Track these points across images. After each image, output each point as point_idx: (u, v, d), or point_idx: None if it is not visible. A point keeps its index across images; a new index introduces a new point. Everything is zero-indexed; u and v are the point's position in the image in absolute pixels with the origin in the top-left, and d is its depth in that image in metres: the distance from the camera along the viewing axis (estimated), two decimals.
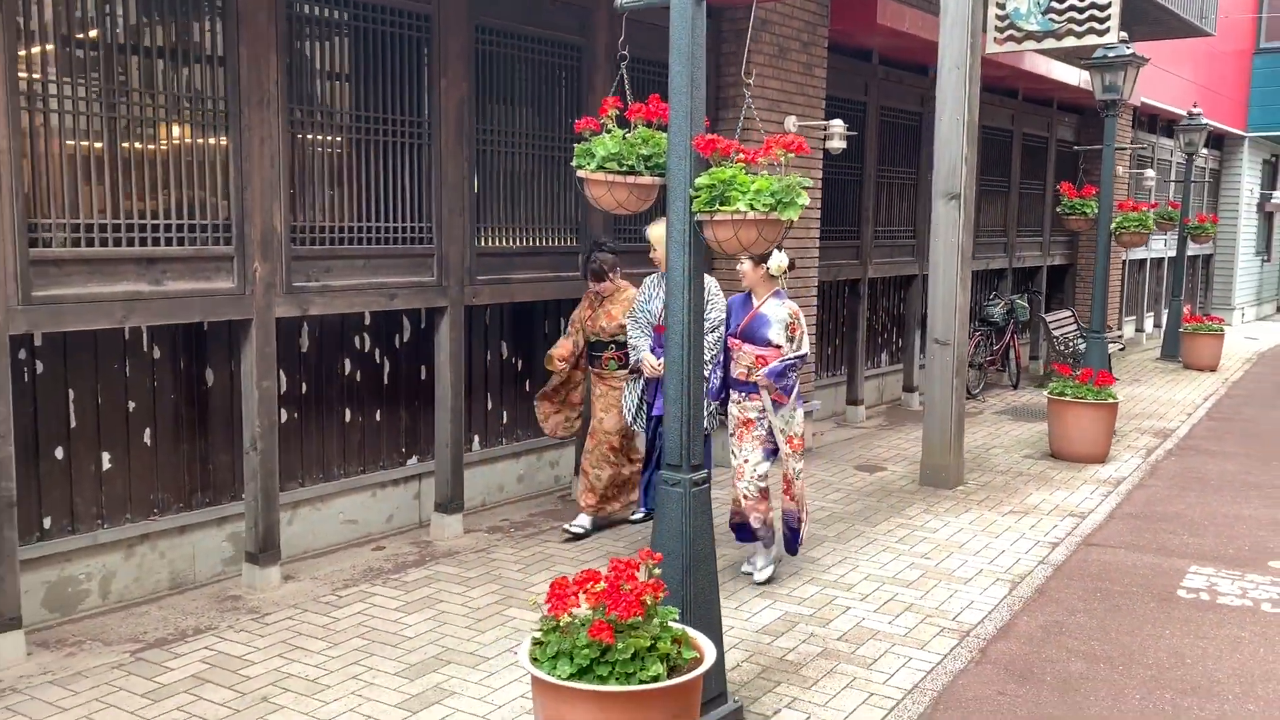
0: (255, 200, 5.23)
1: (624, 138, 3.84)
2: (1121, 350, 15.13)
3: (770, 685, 4.41)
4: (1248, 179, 22.21)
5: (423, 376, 6.52)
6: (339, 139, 5.72)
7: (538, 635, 3.40)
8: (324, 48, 5.59)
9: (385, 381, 6.37)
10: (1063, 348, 13.03)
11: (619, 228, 7.30)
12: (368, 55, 5.79)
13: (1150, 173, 15.03)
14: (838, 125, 8.19)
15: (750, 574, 5.66)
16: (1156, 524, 6.99)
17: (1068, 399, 8.77)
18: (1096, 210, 10.81)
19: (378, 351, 6.32)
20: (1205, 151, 19.42)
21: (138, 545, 5.24)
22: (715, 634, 3.82)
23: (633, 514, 6.61)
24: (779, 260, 5.31)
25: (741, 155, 3.62)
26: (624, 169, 3.80)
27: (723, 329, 5.61)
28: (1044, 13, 7.25)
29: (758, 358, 5.35)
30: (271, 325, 5.36)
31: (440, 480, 6.36)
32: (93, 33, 4.67)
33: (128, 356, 5.18)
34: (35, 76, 4.49)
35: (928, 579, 5.77)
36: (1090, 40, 7.28)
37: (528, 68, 6.71)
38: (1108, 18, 7.15)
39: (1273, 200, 23.99)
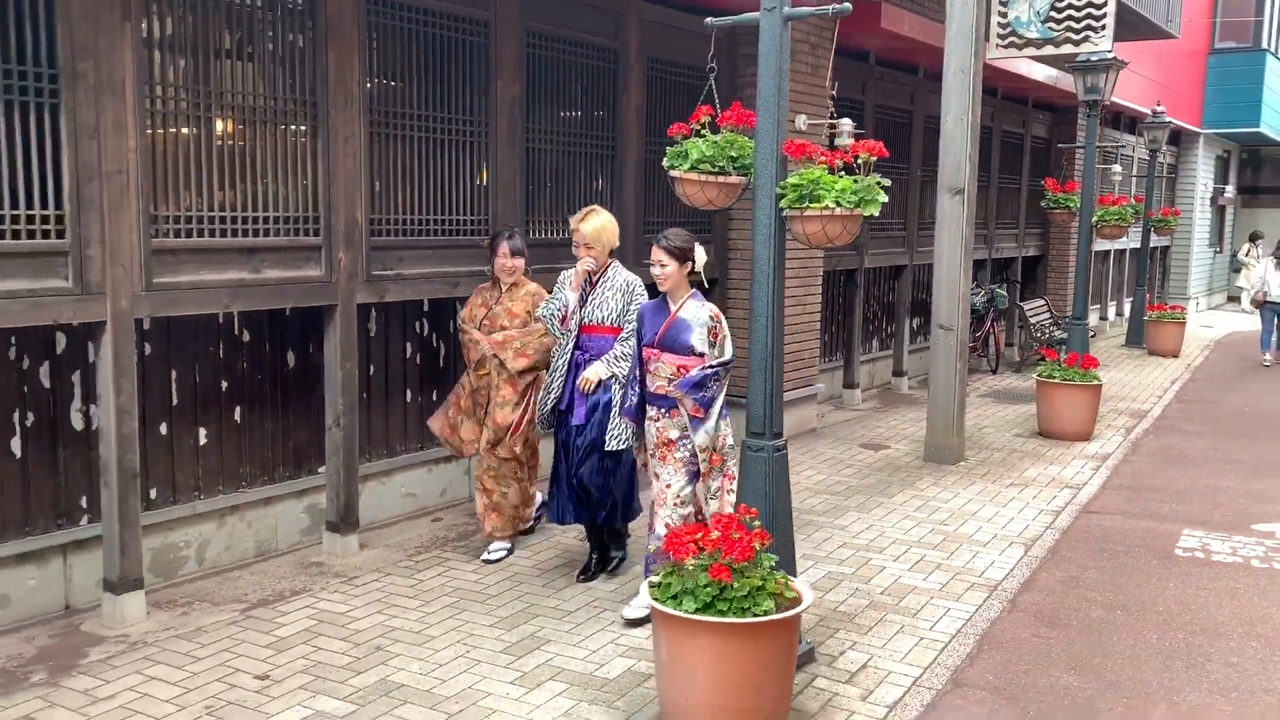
0: (340, 195, 5.64)
1: (715, 141, 4.29)
2: (1092, 337, 15.85)
3: (830, 632, 4.92)
4: (1202, 174, 23.14)
5: None
6: (410, 137, 6.12)
7: (655, 579, 3.88)
8: (398, 53, 5.99)
9: (441, 364, 6.79)
10: (1039, 334, 13.72)
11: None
12: (435, 59, 6.20)
13: (1117, 168, 15.77)
14: (847, 124, 8.68)
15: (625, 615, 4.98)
16: (1146, 494, 7.62)
17: (1056, 381, 9.39)
18: (1079, 204, 11.43)
19: (435, 336, 6.74)
20: (1164, 148, 20.25)
21: (228, 515, 5.63)
22: None
23: (490, 554, 5.83)
24: (703, 256, 4.76)
25: (824, 158, 4.11)
26: (715, 170, 4.28)
27: (632, 343, 5.05)
28: (1043, 21, 7.83)
29: (679, 368, 4.67)
30: (353, 311, 5.78)
31: None
32: (203, 42, 5.05)
33: (220, 340, 5.57)
34: (156, 82, 4.86)
35: (949, 542, 6.32)
36: (1086, 48, 7.86)
37: (570, 70, 7.15)
38: (1103, 26, 7.73)
39: (1225, 194, 24.98)
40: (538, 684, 4.31)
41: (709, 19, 4.61)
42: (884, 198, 4.09)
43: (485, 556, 5.76)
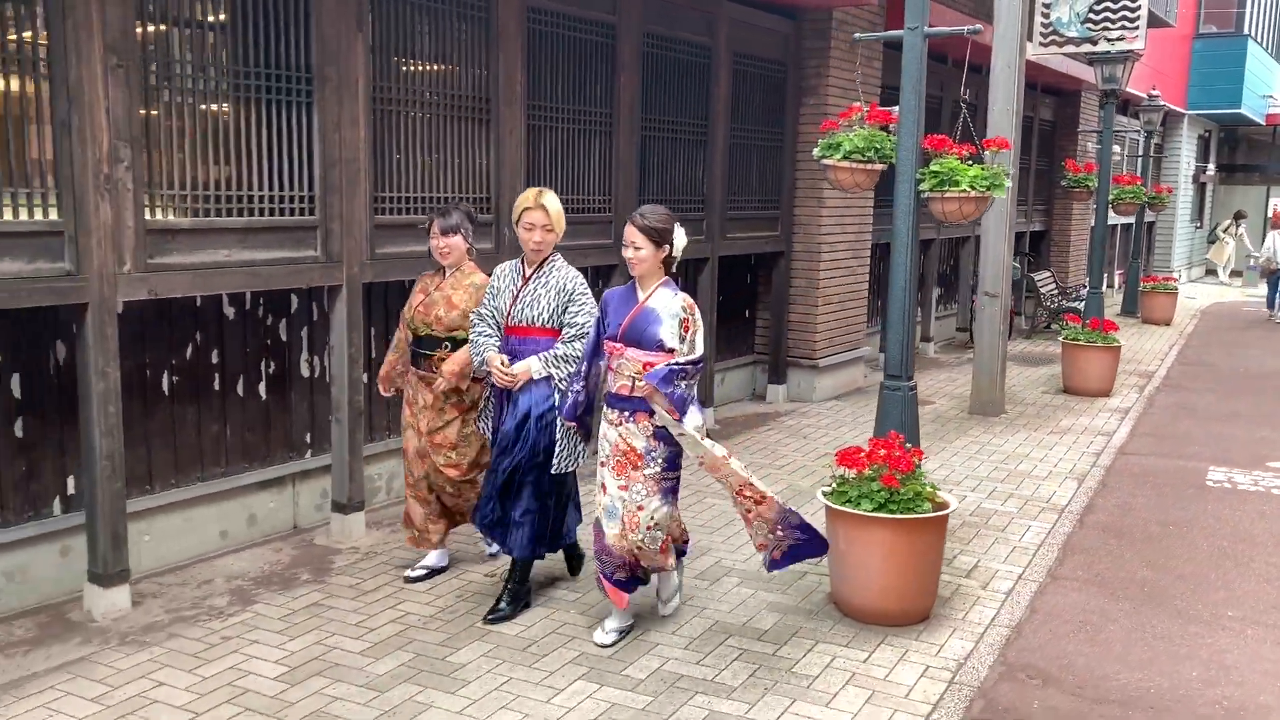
0: (506, 179, 6.55)
1: (865, 135, 5.26)
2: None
3: None
4: (1186, 153, 24.34)
5: None
6: (554, 128, 7.02)
7: (827, 488, 4.87)
8: (547, 55, 6.89)
9: None
10: (1049, 303, 14.82)
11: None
12: (574, 59, 7.10)
13: (1115, 148, 16.86)
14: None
15: (603, 642, 4.45)
16: (1169, 440, 8.70)
17: (1080, 343, 10.46)
18: (1097, 183, 12.49)
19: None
20: (1141, 120, 21.40)
21: None
22: None
23: (411, 572, 5.20)
24: (682, 239, 4.29)
25: (956, 151, 5.09)
26: (865, 159, 5.24)
27: (591, 335, 4.42)
28: (1082, 22, 8.80)
29: (646, 365, 4.10)
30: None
31: None
32: (410, 48, 5.94)
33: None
34: (380, 82, 5.75)
35: (1013, 478, 7.35)
36: (1121, 46, 8.85)
37: (673, 66, 8.06)
38: (1136, 25, 8.71)
39: (1206, 172, 26.22)
40: None
41: (856, 34, 5.50)
42: (1009, 183, 5.08)
43: (407, 573, 5.18)
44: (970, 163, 5.05)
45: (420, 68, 6.04)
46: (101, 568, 4.70)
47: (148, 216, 4.73)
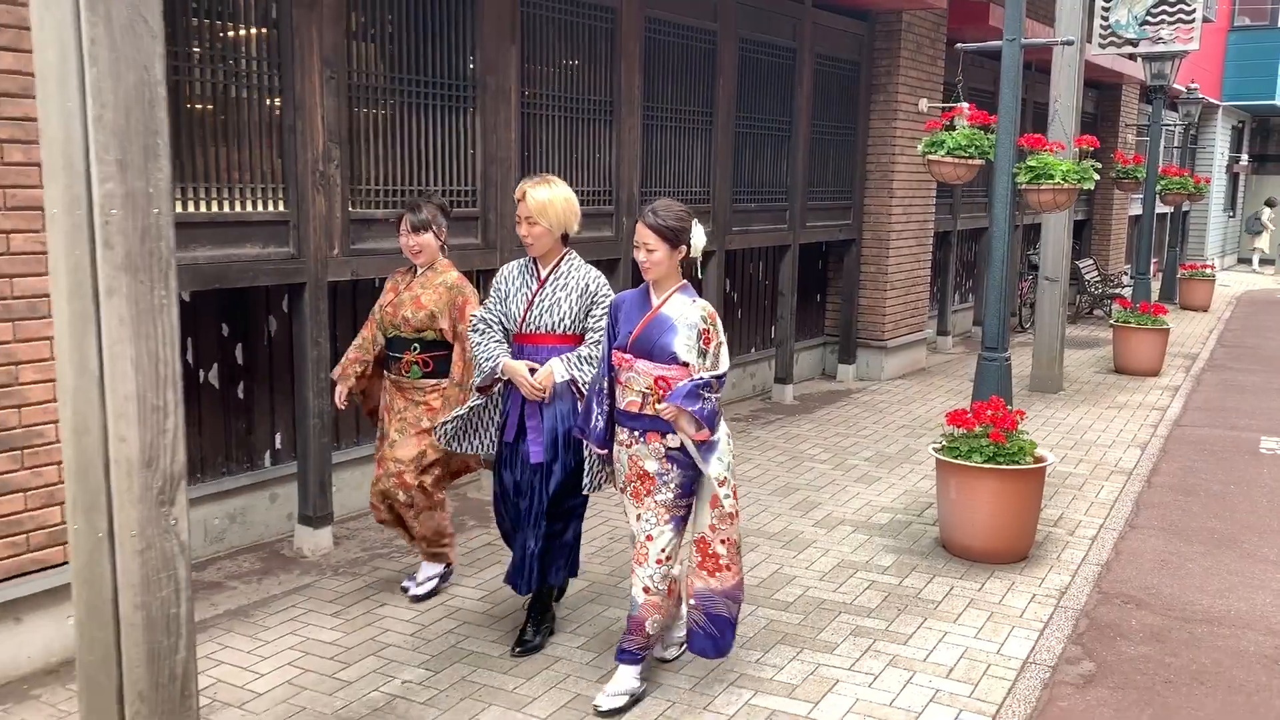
0: (625, 173, 7.27)
1: (967, 134, 5.94)
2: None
3: None
4: (1220, 143, 24.81)
5: None
6: (665, 127, 7.73)
7: (938, 444, 5.57)
8: (658, 61, 7.59)
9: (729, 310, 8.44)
10: (1092, 290, 15.43)
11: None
12: (681, 65, 7.80)
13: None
14: (965, 108, 10.32)
15: (604, 709, 3.80)
16: (1220, 413, 9.34)
17: (1131, 326, 11.10)
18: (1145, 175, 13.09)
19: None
20: (1179, 113, 21.91)
21: None
22: None
23: (418, 586, 4.87)
24: (701, 239, 3.79)
25: (1049, 148, 5.76)
26: (966, 155, 5.92)
27: (603, 345, 3.93)
28: (1140, 24, 9.42)
29: (658, 380, 3.66)
30: (631, 262, 7.41)
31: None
32: (551, 57, 6.65)
33: None
34: (528, 89, 6.47)
35: (1080, 445, 8.02)
36: (1176, 47, 9.47)
37: (763, 67, 8.75)
38: (1192, 25, 9.32)
39: (1240, 163, 26.67)
40: None
41: (958, 44, 6.18)
42: (1096, 177, 5.75)
43: (413, 591, 4.87)
44: (1061, 158, 5.73)
45: (558, 75, 6.75)
46: (312, 510, 5.45)
47: (350, 208, 5.46)
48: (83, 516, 2.87)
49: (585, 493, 4.09)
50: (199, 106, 4.86)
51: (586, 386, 3.99)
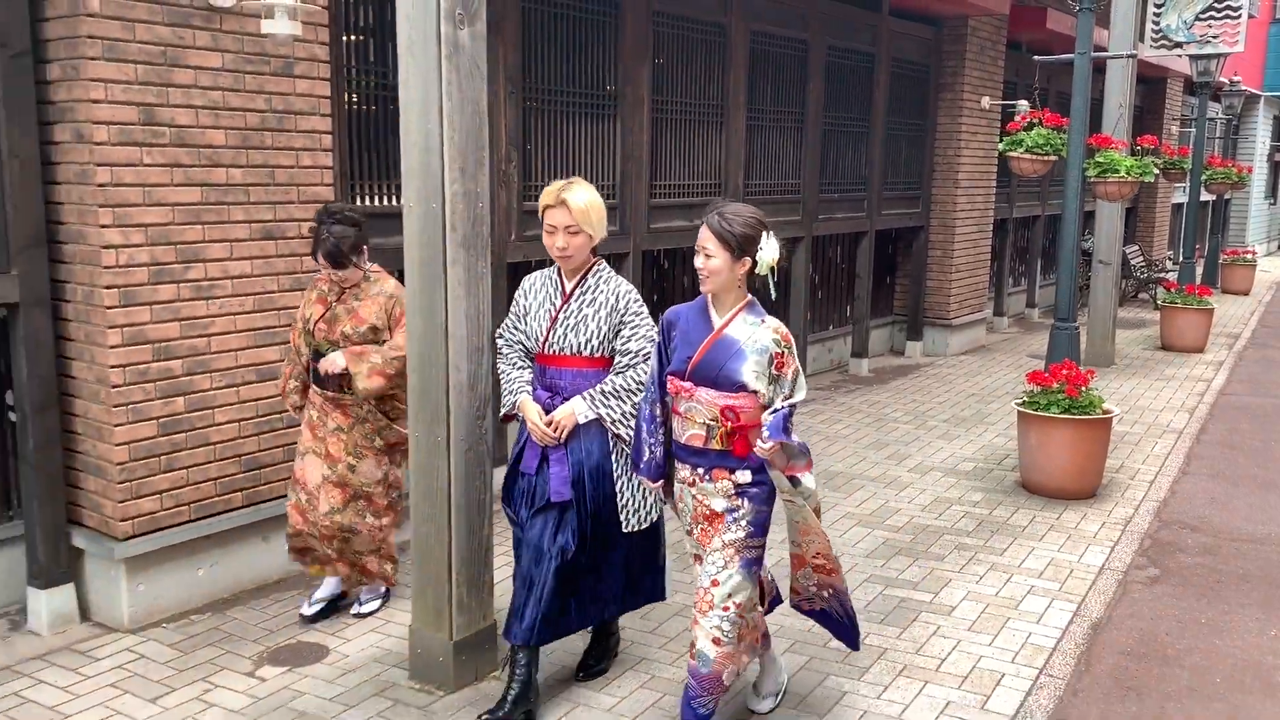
0: (731, 169, 8.28)
1: (1044, 134, 6.89)
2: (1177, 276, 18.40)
3: None
4: (1261, 133, 25.46)
5: None
6: (763, 127, 8.73)
7: (1021, 400, 6.55)
8: (759, 67, 8.59)
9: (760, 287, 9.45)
10: (1137, 274, 16.27)
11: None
12: (778, 70, 8.79)
13: (1192, 130, 18.17)
14: (1023, 104, 11.25)
15: None
16: (1262, 384, 10.24)
17: (1178, 306, 11.99)
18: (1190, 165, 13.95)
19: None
20: (1222, 105, 22.62)
21: None
22: None
23: (363, 604, 4.62)
24: (774, 252, 3.29)
25: (1115, 146, 6.72)
26: (1042, 152, 6.88)
27: (651, 365, 3.53)
28: (1189, 28, 10.29)
29: (725, 409, 3.28)
30: None
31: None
32: (673, 67, 7.67)
33: (651, 267, 8.23)
34: (655, 98, 7.50)
35: (1134, 410, 8.96)
36: (1222, 48, 10.33)
37: (846, 71, 9.72)
38: (1238, 29, 10.17)
39: None
40: None
41: (1036, 56, 7.14)
42: (1156, 171, 6.69)
43: (355, 610, 4.60)
44: (1125, 154, 6.68)
45: (679, 84, 7.77)
46: None
47: (523, 202, 6.51)
48: (424, 428, 3.95)
49: (625, 530, 3.73)
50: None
51: (618, 422, 3.63)
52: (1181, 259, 13.99)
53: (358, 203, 5.49)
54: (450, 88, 3.71)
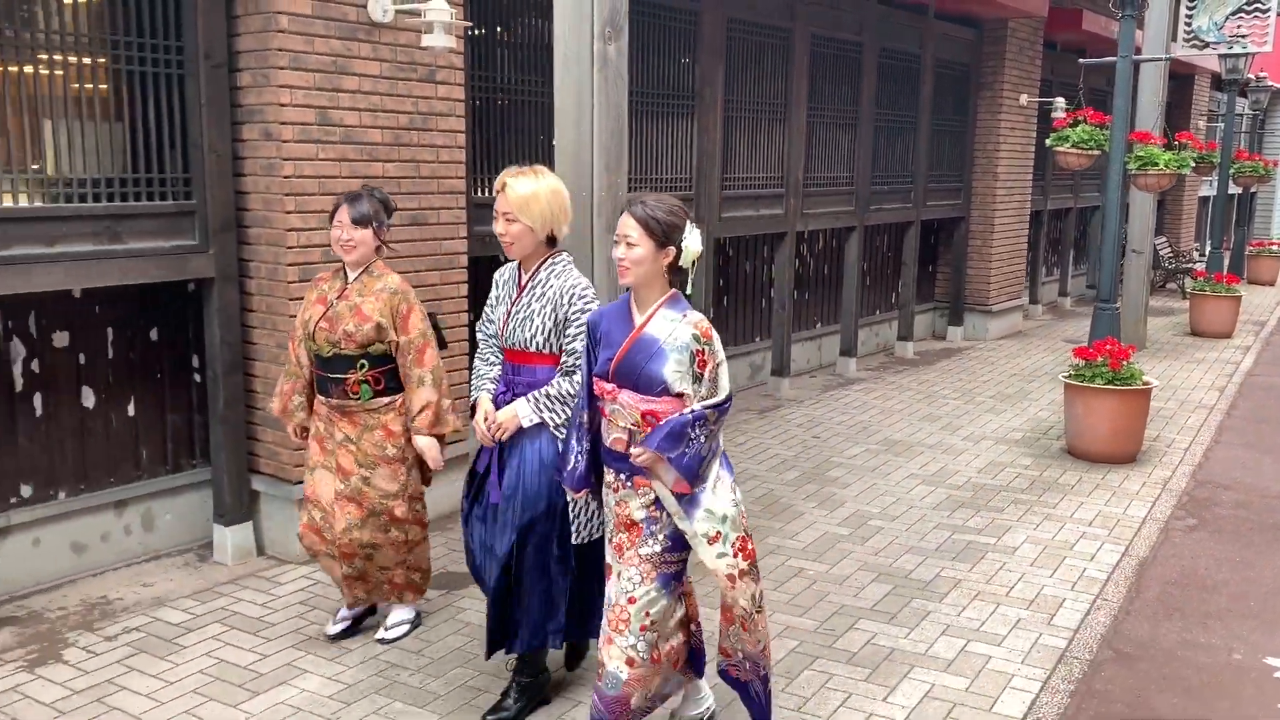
0: (792, 164, 8.93)
1: (1089, 130, 7.50)
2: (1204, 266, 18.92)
3: None
4: None
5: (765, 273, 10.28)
6: (820, 124, 9.38)
7: (1067, 373, 7.18)
8: (816, 69, 9.23)
9: (815, 279, 10.11)
10: (1165, 265, 16.82)
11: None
12: (833, 71, 9.43)
13: (1220, 125, 18.69)
14: (1060, 101, 11.86)
15: None
16: None
17: (1207, 294, 12.57)
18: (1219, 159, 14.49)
19: (827, 251, 10.05)
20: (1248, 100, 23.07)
21: None
22: None
23: (389, 629, 4.33)
24: (696, 243, 3.11)
25: (1155, 141, 7.33)
26: (1087, 147, 7.49)
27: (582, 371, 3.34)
28: (1220, 29, 10.85)
29: (646, 414, 3.08)
30: (794, 236, 9.08)
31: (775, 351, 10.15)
32: (738, 71, 8.33)
33: (722, 254, 8.89)
34: (727, 98, 8.16)
35: (1167, 389, 9.56)
36: (1252, 48, 10.88)
37: (895, 71, 10.35)
38: (1266, 30, 10.72)
39: None
40: None
41: (1080, 59, 7.75)
42: (1192, 164, 7.30)
43: (380, 635, 4.29)
44: (1162, 149, 7.29)
45: (748, 85, 8.42)
46: None
47: None
48: None
49: (574, 542, 3.51)
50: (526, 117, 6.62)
51: (561, 428, 3.47)
52: (1209, 250, 14.51)
53: (475, 194, 6.16)
54: (599, 95, 4.39)
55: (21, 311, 4.65)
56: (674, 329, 3.09)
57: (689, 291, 3.20)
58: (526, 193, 3.51)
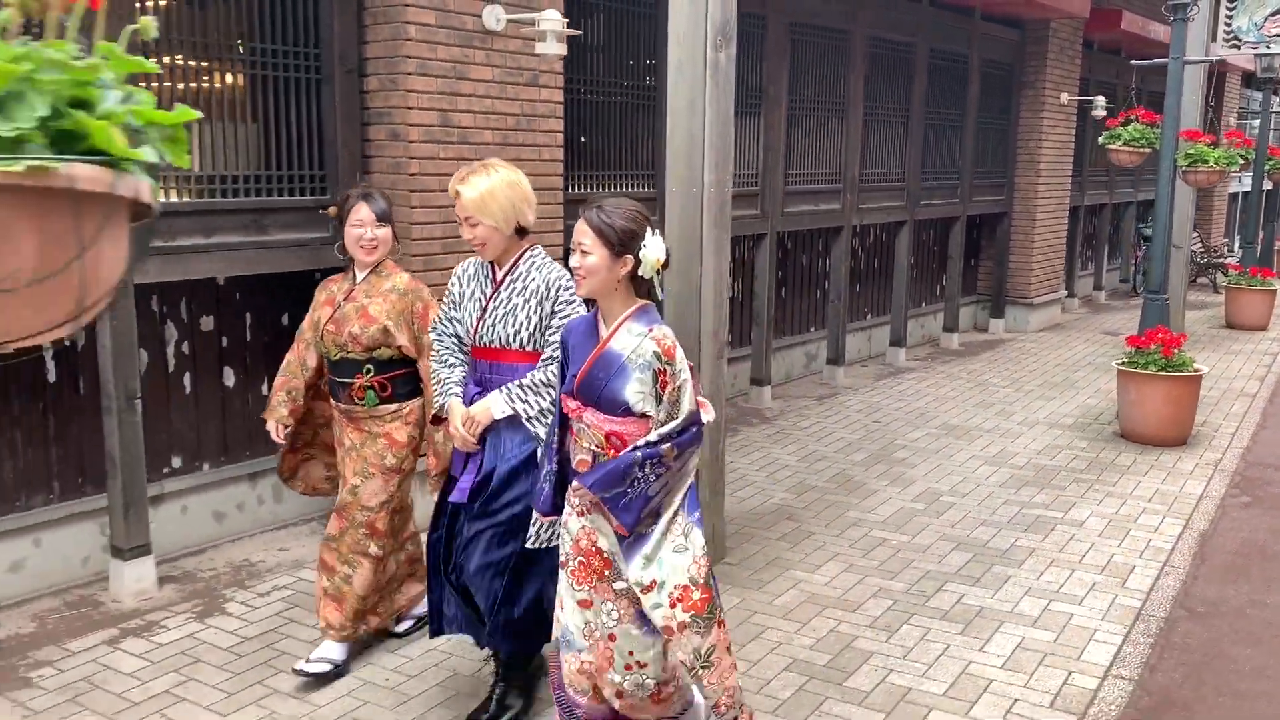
0: (850, 159, 9.30)
1: (1140, 129, 7.84)
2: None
3: None
4: None
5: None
6: (881, 122, 9.74)
7: (1120, 360, 7.53)
8: (875, 70, 9.59)
9: (865, 274, 10.48)
10: (1198, 260, 17.10)
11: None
12: (887, 72, 9.79)
13: (1255, 123, 18.93)
14: (1100, 100, 12.17)
15: None
16: None
17: (1242, 287, 12.87)
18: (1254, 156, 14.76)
19: (888, 245, 10.43)
20: None
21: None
22: None
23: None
24: (657, 251, 2.86)
25: (1204, 139, 7.66)
26: (1139, 145, 7.83)
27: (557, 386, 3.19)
28: (1259, 29, 11.16)
29: (610, 434, 2.87)
30: (849, 230, 9.45)
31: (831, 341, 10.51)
32: (805, 71, 8.70)
33: (778, 248, 9.27)
34: (790, 97, 8.53)
35: (1209, 379, 9.86)
36: None
37: (943, 72, 10.70)
38: None
39: None
40: None
41: (1133, 60, 8.09)
42: (1241, 161, 7.63)
43: (300, 665, 3.90)
44: (1212, 147, 7.63)
45: (809, 84, 8.80)
46: None
47: None
48: None
49: (527, 544, 3.29)
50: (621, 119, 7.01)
51: (534, 421, 3.31)
52: (1244, 243, 14.80)
53: (569, 190, 6.56)
54: (710, 98, 4.78)
55: (175, 297, 5.08)
56: (638, 344, 2.85)
57: (660, 299, 3.00)
58: (482, 192, 3.34)
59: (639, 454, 2.75)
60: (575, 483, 2.89)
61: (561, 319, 3.33)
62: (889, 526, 5.70)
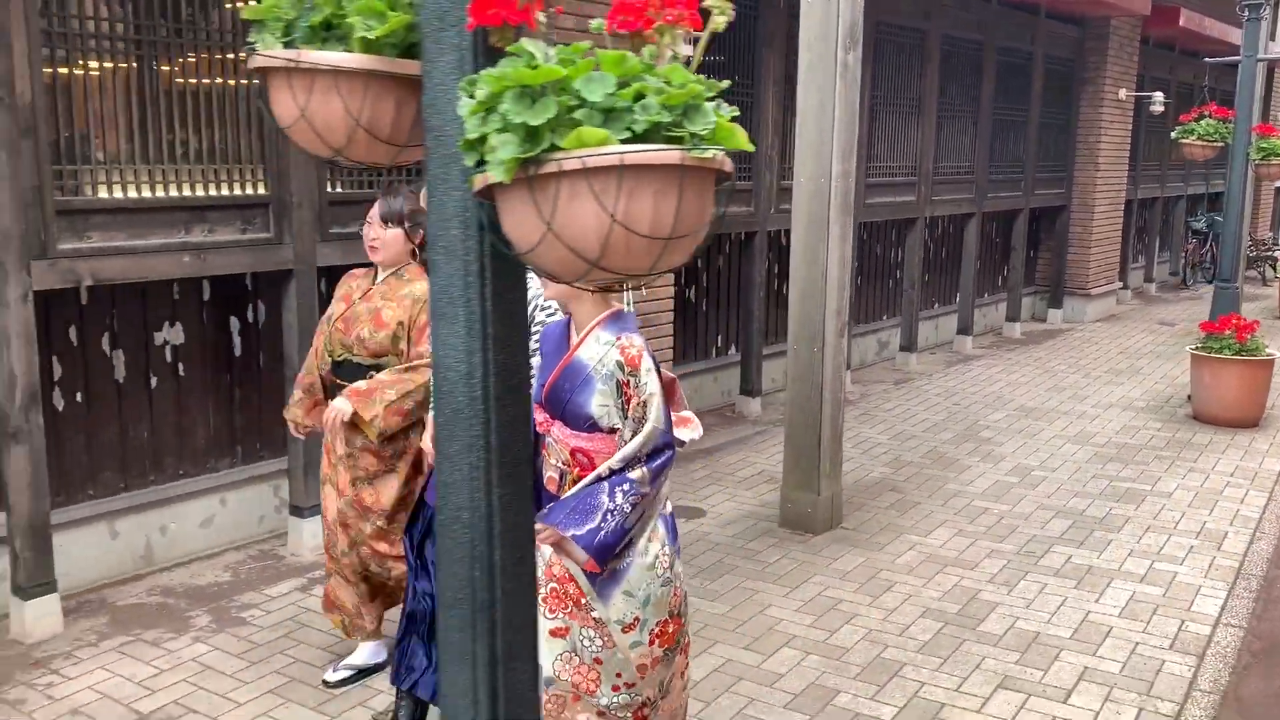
0: (923, 154, 9.67)
1: (1212, 124, 8.17)
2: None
3: None
4: None
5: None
6: (953, 118, 10.10)
7: (1194, 345, 7.87)
8: (948, 65, 9.95)
9: (941, 267, 10.85)
10: (1247, 252, 17.31)
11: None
12: (959, 68, 10.14)
13: None
14: (1158, 95, 12.48)
15: None
16: None
17: None
18: None
19: (947, 237, 10.79)
20: None
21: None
22: None
23: (332, 673, 3.88)
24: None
25: (1276, 134, 7.98)
26: (1212, 140, 8.16)
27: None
28: None
29: (575, 450, 2.67)
30: (923, 220, 9.82)
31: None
32: (882, 67, 9.07)
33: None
34: (875, 93, 8.91)
35: None
36: None
37: (1012, 70, 11.04)
38: None
39: None
40: None
41: (1206, 58, 8.42)
42: None
43: (326, 678, 3.86)
44: None
45: (888, 79, 9.17)
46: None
47: (780, 181, 7.97)
48: (805, 342, 5.43)
49: None
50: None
51: None
52: None
53: None
54: (839, 96, 5.18)
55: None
56: (605, 353, 2.63)
57: (629, 308, 2.84)
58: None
59: (606, 484, 2.50)
60: (537, 520, 2.40)
61: (537, 325, 3.13)
62: (988, 497, 6.09)
